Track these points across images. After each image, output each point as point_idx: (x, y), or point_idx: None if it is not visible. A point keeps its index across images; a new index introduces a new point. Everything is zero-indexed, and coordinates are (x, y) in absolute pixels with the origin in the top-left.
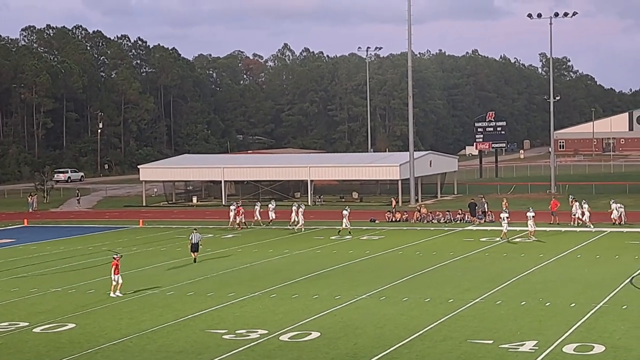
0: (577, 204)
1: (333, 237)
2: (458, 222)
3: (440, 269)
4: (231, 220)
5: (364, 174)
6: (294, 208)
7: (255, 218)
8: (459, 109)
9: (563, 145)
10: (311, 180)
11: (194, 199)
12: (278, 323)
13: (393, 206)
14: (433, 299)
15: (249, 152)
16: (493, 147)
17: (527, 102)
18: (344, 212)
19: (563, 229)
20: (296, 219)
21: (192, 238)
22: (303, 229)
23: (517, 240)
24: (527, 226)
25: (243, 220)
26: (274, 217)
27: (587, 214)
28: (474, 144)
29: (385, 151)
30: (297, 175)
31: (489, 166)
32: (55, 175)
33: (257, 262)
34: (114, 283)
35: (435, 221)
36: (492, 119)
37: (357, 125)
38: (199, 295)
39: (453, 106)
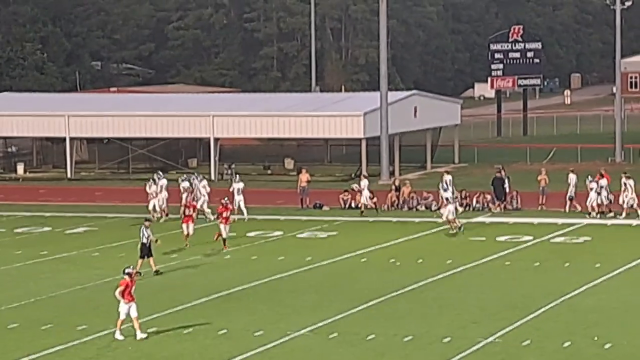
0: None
1: (252, 234)
2: (475, 209)
3: (429, 287)
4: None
5: (304, 129)
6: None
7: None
8: (463, 21)
9: (636, 82)
10: (216, 139)
11: (20, 168)
12: None
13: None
14: (417, 337)
15: (112, 90)
16: (520, 86)
17: (577, 10)
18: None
19: (634, 222)
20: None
21: (142, 235)
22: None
23: (559, 239)
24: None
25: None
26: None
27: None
28: (489, 79)
29: (341, 90)
30: (192, 130)
31: (513, 117)
32: None
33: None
34: (122, 317)
35: (424, 208)
36: (520, 38)
37: (294, 47)
38: (29, 329)
39: (454, 16)
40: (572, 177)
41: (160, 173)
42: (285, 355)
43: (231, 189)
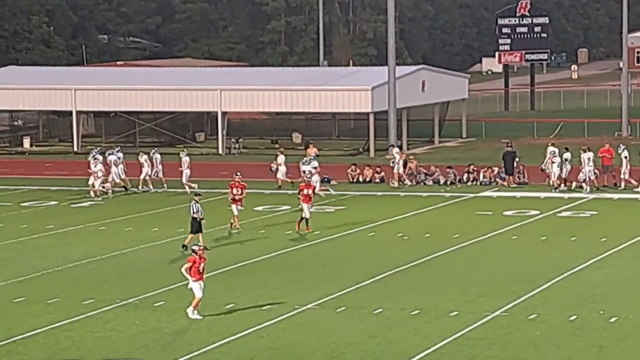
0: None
1: (259, 208)
2: (483, 183)
3: (437, 261)
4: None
5: (312, 103)
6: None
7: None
8: None
9: None
10: (224, 113)
11: (26, 142)
12: (166, 350)
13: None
14: (424, 311)
15: (118, 63)
16: (527, 61)
17: None
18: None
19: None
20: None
21: (192, 210)
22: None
23: (565, 214)
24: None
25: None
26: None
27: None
28: (496, 54)
29: (348, 65)
30: (199, 104)
31: (520, 92)
32: None
33: (132, 247)
34: (198, 296)
35: (431, 182)
36: (527, 13)
37: (302, 21)
38: (35, 303)
39: None
40: (550, 150)
41: (114, 149)
42: (293, 329)
43: (181, 168)
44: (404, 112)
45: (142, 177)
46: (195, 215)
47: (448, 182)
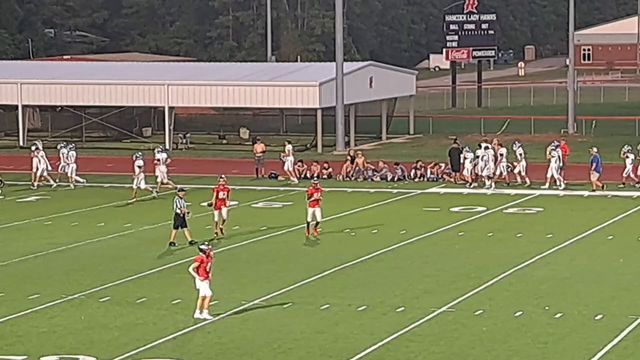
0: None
1: (204, 204)
2: (430, 180)
3: (384, 257)
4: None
5: (260, 99)
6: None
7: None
8: None
9: (589, 55)
10: (171, 108)
11: None
12: (112, 345)
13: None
14: (371, 307)
15: (65, 57)
16: (475, 57)
17: None
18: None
19: (586, 193)
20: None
21: (175, 205)
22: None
23: (512, 210)
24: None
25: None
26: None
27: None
28: (444, 50)
29: (296, 60)
30: (147, 98)
31: (467, 88)
32: None
33: (79, 242)
34: (202, 294)
35: (378, 179)
36: (474, 10)
37: (250, 16)
38: None
39: None
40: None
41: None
42: (240, 324)
43: (67, 162)
44: (351, 108)
45: (39, 173)
46: (178, 211)
47: (395, 179)
